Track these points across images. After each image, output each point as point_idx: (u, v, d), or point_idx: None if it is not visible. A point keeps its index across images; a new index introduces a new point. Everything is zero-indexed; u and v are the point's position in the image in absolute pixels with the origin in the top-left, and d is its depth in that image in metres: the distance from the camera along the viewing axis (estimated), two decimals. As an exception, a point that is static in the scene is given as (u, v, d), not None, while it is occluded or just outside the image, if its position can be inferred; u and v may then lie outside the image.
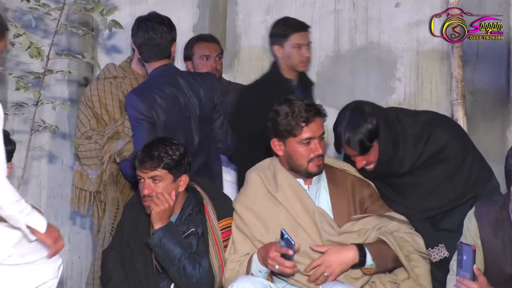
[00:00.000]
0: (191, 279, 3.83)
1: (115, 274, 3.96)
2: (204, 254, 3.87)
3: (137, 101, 4.32)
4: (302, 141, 3.78)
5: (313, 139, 3.78)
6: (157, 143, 3.93)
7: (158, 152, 3.87)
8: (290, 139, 3.79)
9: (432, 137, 3.95)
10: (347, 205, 3.84)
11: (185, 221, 3.95)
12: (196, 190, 4.01)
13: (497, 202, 3.52)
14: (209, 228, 3.89)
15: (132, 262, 3.92)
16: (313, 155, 3.79)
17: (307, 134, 3.77)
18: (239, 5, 5.64)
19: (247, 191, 3.91)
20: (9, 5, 5.96)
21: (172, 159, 3.89)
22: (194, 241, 3.91)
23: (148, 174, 3.87)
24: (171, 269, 3.84)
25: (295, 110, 3.77)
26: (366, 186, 3.90)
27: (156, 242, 3.83)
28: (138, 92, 4.38)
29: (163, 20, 4.47)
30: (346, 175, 3.91)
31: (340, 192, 3.86)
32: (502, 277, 3.45)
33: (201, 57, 5.04)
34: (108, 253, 4.05)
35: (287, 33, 4.84)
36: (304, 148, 3.79)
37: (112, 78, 4.70)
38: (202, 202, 3.95)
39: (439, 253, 3.91)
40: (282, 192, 3.82)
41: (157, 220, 3.86)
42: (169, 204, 3.86)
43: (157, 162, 3.87)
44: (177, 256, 3.82)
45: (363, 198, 3.87)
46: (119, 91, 4.66)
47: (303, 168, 3.81)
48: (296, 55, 4.84)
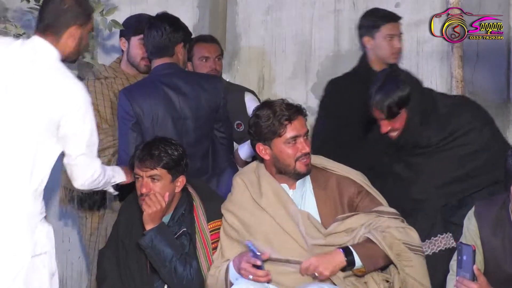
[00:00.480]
0: (182, 280, 3.82)
1: (110, 274, 3.95)
2: (194, 255, 3.87)
3: (123, 99, 4.33)
4: (287, 140, 3.75)
5: (299, 138, 3.76)
6: (158, 142, 3.93)
7: (159, 151, 3.88)
8: (275, 141, 3.76)
9: (461, 118, 4.00)
10: (334, 207, 3.79)
11: (177, 221, 3.94)
12: (188, 190, 4.01)
13: (497, 202, 3.52)
14: (197, 230, 3.89)
15: (127, 262, 3.92)
16: (300, 154, 3.75)
17: (292, 133, 3.75)
18: (239, 5, 5.64)
19: (232, 196, 3.90)
20: (9, 5, 5.96)
21: (171, 159, 3.89)
22: (186, 241, 3.91)
23: (147, 172, 3.87)
24: (162, 270, 3.84)
25: (277, 110, 3.75)
26: (352, 183, 3.83)
27: (148, 243, 3.83)
28: (127, 91, 4.40)
29: (168, 19, 4.49)
30: (330, 175, 3.85)
31: (327, 194, 3.81)
32: (502, 277, 3.45)
33: (200, 58, 5.03)
34: (104, 252, 4.04)
35: (378, 24, 4.73)
36: (290, 147, 3.76)
37: (103, 78, 4.69)
38: (192, 203, 3.95)
39: (447, 242, 3.91)
40: (265, 198, 3.79)
41: (148, 221, 3.86)
42: (161, 205, 3.85)
43: (157, 161, 3.87)
44: (168, 257, 3.82)
45: (351, 196, 3.80)
46: (110, 91, 4.65)
47: (291, 168, 3.77)
48: (387, 46, 4.72)
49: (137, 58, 4.67)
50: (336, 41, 5.42)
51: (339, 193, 3.81)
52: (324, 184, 3.83)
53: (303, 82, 5.49)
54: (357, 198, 3.80)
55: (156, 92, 4.35)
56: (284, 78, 5.56)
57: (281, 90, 5.51)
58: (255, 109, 3.85)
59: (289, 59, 5.53)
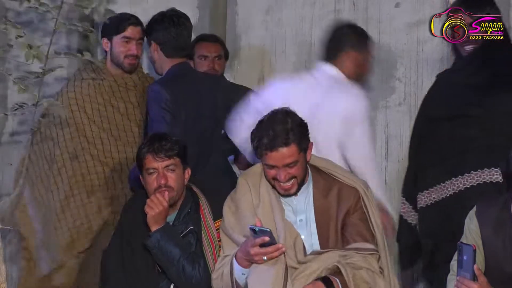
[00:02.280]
0: (191, 279, 3.83)
1: (113, 275, 3.96)
2: (202, 253, 3.87)
3: (163, 91, 4.33)
4: (266, 165, 3.74)
5: (276, 167, 3.71)
6: (160, 136, 3.96)
7: (168, 142, 3.90)
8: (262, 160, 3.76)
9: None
10: (330, 218, 3.77)
11: (183, 219, 3.95)
12: (193, 189, 4.01)
13: (499, 202, 3.52)
14: (204, 228, 3.89)
15: (133, 262, 3.93)
16: (277, 180, 3.73)
17: (270, 162, 3.71)
18: (239, 5, 5.64)
19: (236, 195, 3.88)
20: (9, 5, 5.95)
21: (179, 148, 3.93)
22: (192, 239, 3.91)
23: (163, 163, 3.89)
24: (170, 270, 3.84)
25: (263, 136, 3.69)
26: (353, 195, 3.81)
27: (154, 244, 3.83)
28: (164, 83, 4.38)
29: (187, 18, 4.59)
30: (333, 182, 3.83)
31: (326, 203, 3.79)
32: (503, 277, 3.45)
33: (200, 57, 5.04)
34: (108, 252, 4.05)
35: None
36: (269, 171, 3.75)
37: (90, 79, 4.66)
38: (198, 202, 3.96)
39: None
40: (261, 208, 3.78)
41: (153, 223, 3.87)
42: (163, 206, 3.86)
43: (171, 150, 3.90)
44: (176, 257, 3.82)
45: (348, 210, 3.78)
46: (98, 93, 4.62)
47: (274, 187, 3.78)
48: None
49: (121, 56, 4.63)
50: (336, 41, 5.42)
51: (338, 204, 3.78)
52: (325, 191, 3.82)
53: (303, 82, 5.48)
54: (351, 216, 3.78)
55: (188, 88, 4.37)
56: (284, 78, 5.55)
57: (281, 90, 5.51)
58: (258, 123, 3.79)
59: (289, 59, 5.52)
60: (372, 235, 3.78)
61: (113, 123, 4.60)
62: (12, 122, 5.79)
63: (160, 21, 4.54)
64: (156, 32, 4.53)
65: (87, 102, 4.60)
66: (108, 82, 4.65)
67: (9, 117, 5.25)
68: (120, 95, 4.64)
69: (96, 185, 4.53)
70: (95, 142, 4.55)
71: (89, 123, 4.57)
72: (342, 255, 3.66)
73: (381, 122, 5.25)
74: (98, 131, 4.57)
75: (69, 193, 4.52)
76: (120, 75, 4.67)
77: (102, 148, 4.54)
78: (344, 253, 3.68)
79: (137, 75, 4.72)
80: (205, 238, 3.88)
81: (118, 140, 4.59)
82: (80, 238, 4.48)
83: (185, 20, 4.55)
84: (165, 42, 4.49)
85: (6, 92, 5.94)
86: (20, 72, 4.70)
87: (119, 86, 4.66)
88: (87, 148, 4.54)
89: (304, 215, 3.80)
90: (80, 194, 4.52)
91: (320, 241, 3.77)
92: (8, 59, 5.43)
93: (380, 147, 5.25)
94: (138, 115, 4.65)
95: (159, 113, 4.31)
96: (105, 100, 4.60)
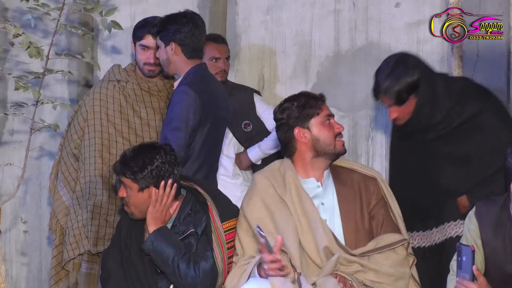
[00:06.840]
0: (186, 277, 3.81)
1: (114, 274, 3.96)
2: (204, 254, 3.86)
3: (191, 93, 4.26)
4: (324, 119, 3.78)
5: (331, 117, 3.81)
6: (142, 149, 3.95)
7: (137, 164, 3.89)
8: (313, 121, 3.78)
9: (468, 104, 3.97)
10: (353, 203, 3.80)
11: (183, 221, 3.94)
12: (197, 190, 3.99)
13: (498, 202, 3.52)
14: (213, 229, 3.87)
15: (131, 262, 3.93)
16: (338, 131, 3.80)
17: (327, 111, 3.80)
18: (239, 5, 5.64)
19: (253, 193, 3.85)
20: (9, 5, 5.96)
21: (145, 177, 3.87)
22: (193, 241, 3.91)
23: (124, 179, 3.90)
24: (166, 270, 3.84)
25: (309, 95, 3.82)
26: (373, 182, 3.85)
27: (149, 246, 3.83)
28: (192, 85, 4.29)
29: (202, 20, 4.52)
30: (351, 172, 3.88)
31: (348, 190, 3.83)
32: (502, 277, 3.45)
33: (211, 59, 4.98)
34: (108, 252, 4.05)
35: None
36: (327, 126, 3.78)
37: (115, 81, 4.64)
38: (205, 203, 3.93)
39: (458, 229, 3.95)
40: (289, 195, 3.78)
41: (151, 221, 3.87)
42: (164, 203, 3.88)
43: (134, 174, 3.89)
44: (170, 256, 3.81)
45: (370, 194, 3.82)
46: (121, 95, 4.58)
47: (331, 148, 3.78)
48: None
49: (141, 63, 4.62)
50: (336, 41, 5.42)
51: (364, 188, 3.83)
52: (345, 180, 3.85)
53: (303, 82, 5.49)
54: (374, 199, 3.82)
55: (212, 92, 4.35)
56: (284, 78, 5.56)
57: (281, 90, 5.52)
58: (283, 101, 3.84)
59: (289, 59, 5.53)
60: (396, 224, 3.83)
61: (132, 127, 4.56)
62: (12, 122, 5.80)
63: (185, 23, 4.40)
64: (179, 34, 4.39)
65: (110, 103, 4.58)
66: (131, 85, 4.62)
67: (9, 117, 5.25)
68: (142, 99, 4.61)
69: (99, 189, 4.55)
70: (110, 145, 4.54)
71: (108, 125, 4.55)
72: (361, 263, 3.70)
73: (381, 122, 5.26)
74: (115, 135, 4.54)
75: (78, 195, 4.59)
76: (145, 79, 4.64)
77: (115, 152, 4.51)
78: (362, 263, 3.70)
79: (162, 80, 4.68)
80: (215, 239, 3.86)
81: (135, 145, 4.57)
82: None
83: (203, 21, 4.48)
84: (188, 44, 4.39)
85: (6, 92, 5.96)
86: (20, 72, 4.72)
87: (142, 90, 4.62)
88: (100, 150, 4.54)
89: (327, 199, 3.82)
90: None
91: (343, 226, 3.78)
92: (8, 58, 5.45)
93: (380, 147, 5.26)
94: (158, 121, 4.60)
95: (185, 115, 4.22)
96: (127, 103, 4.58)
